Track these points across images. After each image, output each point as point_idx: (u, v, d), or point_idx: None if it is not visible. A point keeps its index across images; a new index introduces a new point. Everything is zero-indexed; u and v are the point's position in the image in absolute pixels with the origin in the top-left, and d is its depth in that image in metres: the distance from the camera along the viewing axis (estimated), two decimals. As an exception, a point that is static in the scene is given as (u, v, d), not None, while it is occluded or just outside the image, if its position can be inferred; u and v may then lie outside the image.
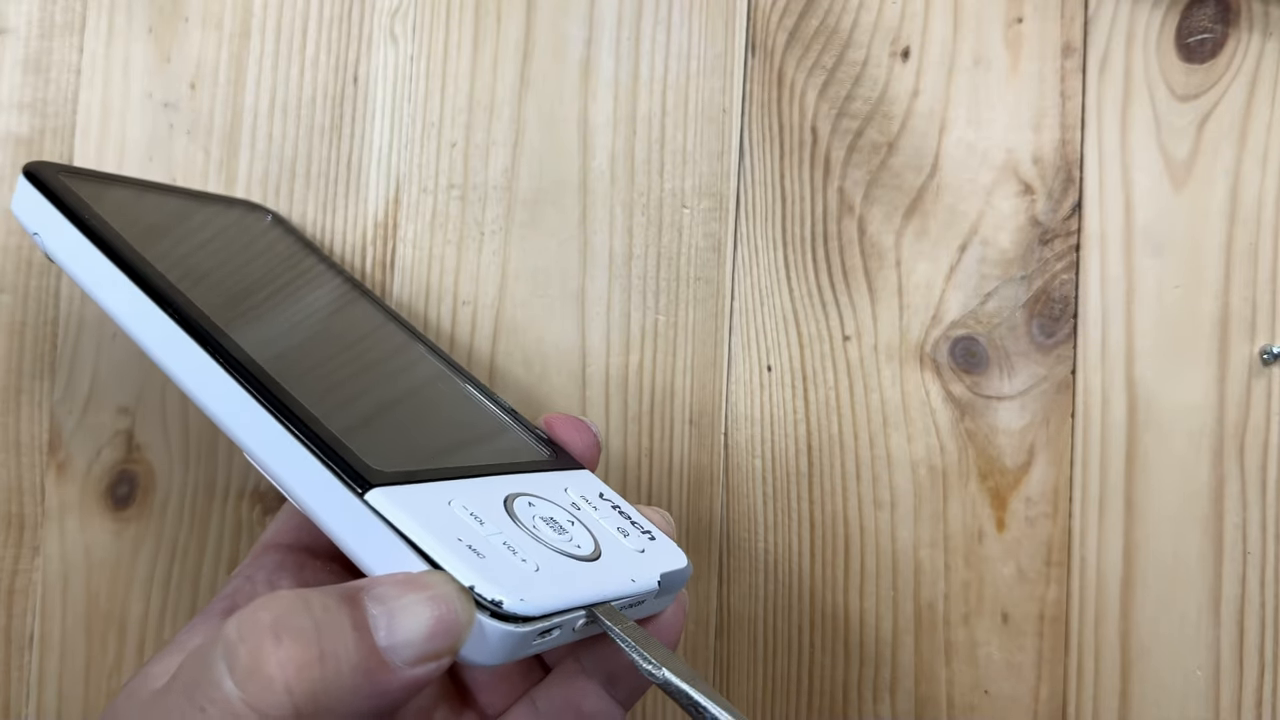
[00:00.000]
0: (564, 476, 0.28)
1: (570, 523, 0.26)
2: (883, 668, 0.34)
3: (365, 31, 0.38)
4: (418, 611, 0.21)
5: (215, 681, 0.20)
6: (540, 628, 0.22)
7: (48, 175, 0.29)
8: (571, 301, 0.36)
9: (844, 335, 0.35)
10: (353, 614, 0.21)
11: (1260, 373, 0.32)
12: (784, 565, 0.35)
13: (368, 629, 0.21)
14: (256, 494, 0.37)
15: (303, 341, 0.30)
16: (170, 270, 0.28)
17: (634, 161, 0.36)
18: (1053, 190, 0.34)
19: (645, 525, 0.27)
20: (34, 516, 0.38)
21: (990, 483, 0.34)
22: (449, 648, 0.21)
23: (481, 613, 0.21)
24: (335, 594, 0.21)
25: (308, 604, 0.21)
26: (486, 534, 0.23)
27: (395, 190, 0.37)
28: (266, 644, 0.20)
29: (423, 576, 0.22)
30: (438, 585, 0.21)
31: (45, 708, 0.38)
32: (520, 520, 0.25)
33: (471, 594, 0.21)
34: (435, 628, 0.21)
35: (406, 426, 0.28)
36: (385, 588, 0.21)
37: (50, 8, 0.39)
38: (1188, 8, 0.33)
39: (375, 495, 0.23)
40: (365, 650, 0.21)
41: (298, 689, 0.20)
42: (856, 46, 0.35)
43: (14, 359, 0.38)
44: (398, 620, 0.21)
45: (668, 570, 0.25)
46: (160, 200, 0.33)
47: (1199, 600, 0.32)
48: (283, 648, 0.20)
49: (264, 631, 0.20)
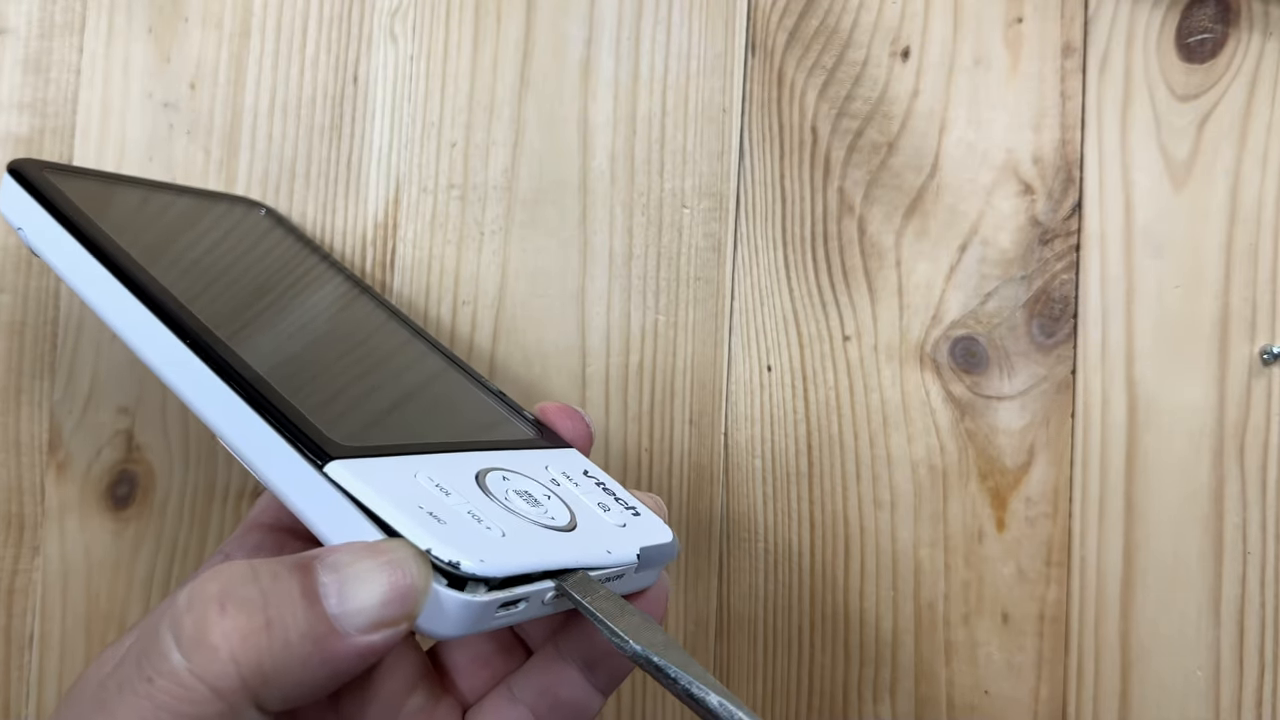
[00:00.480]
0: (546, 455, 0.28)
1: (546, 496, 0.25)
2: (883, 668, 0.34)
3: (365, 31, 0.38)
4: (371, 578, 0.21)
5: (163, 652, 0.20)
6: (502, 597, 0.21)
7: (31, 171, 0.30)
8: (571, 301, 0.36)
9: (844, 335, 0.35)
10: (303, 581, 0.21)
11: (1260, 373, 0.32)
12: (784, 565, 0.35)
13: (317, 596, 0.21)
14: (256, 494, 0.37)
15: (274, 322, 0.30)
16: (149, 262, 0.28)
17: (634, 161, 0.36)
18: (1053, 190, 0.34)
19: (630, 502, 0.26)
20: (34, 516, 0.38)
21: (990, 483, 0.34)
22: (404, 614, 0.21)
23: (439, 580, 0.21)
24: (287, 563, 0.21)
25: (255, 573, 0.21)
26: (451, 504, 0.23)
27: (395, 190, 0.37)
28: (212, 613, 0.20)
29: (379, 544, 0.21)
30: (393, 550, 0.21)
31: (45, 708, 0.38)
32: (491, 493, 0.24)
33: (429, 557, 0.21)
34: (390, 594, 0.21)
35: (380, 403, 0.28)
36: (339, 555, 0.21)
37: (50, 8, 0.39)
38: (1188, 8, 0.33)
39: (335, 467, 0.23)
40: (314, 618, 0.20)
41: (243, 658, 0.20)
42: (856, 46, 0.35)
43: (14, 359, 0.38)
44: (350, 587, 0.21)
45: (648, 544, 0.25)
46: (147, 195, 0.34)
47: (1199, 600, 0.32)
48: (228, 617, 0.20)
49: (210, 601, 0.20)
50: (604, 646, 0.25)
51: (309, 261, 0.35)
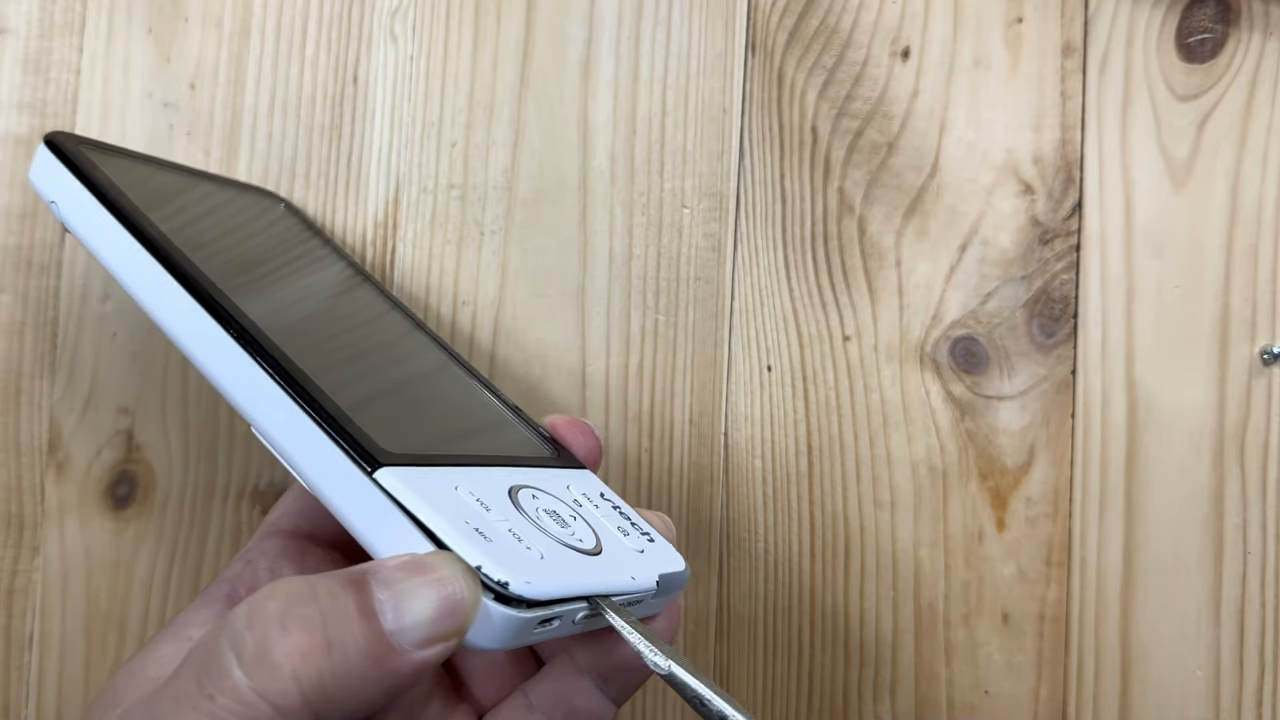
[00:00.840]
0: (566, 474, 0.28)
1: (572, 517, 0.26)
2: (883, 668, 0.34)
3: (365, 31, 0.38)
4: (424, 594, 0.21)
5: (224, 670, 0.20)
6: (542, 615, 0.22)
7: (68, 145, 0.29)
8: (571, 301, 0.36)
9: (844, 335, 0.35)
10: (359, 599, 0.21)
11: (1260, 373, 0.32)
12: (784, 565, 0.35)
13: (374, 614, 0.21)
14: (256, 494, 0.37)
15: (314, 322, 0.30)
16: (186, 245, 0.28)
17: (634, 161, 0.36)
18: (1053, 190, 0.34)
19: (645, 527, 0.27)
20: (34, 516, 0.38)
21: (990, 483, 0.34)
22: (456, 629, 0.21)
23: (486, 595, 0.21)
24: (340, 579, 0.21)
25: (314, 590, 0.21)
26: (493, 520, 0.23)
27: (395, 190, 0.37)
28: (273, 632, 0.20)
29: (428, 558, 0.22)
30: (443, 566, 0.21)
31: (45, 708, 0.38)
32: (525, 510, 0.25)
33: (479, 575, 0.21)
34: (442, 609, 0.21)
35: (414, 411, 0.28)
36: (390, 571, 0.21)
37: (50, 8, 0.39)
38: (1188, 8, 0.33)
39: (384, 474, 0.23)
40: (372, 635, 0.21)
41: (305, 677, 0.20)
42: (856, 46, 0.35)
43: (14, 359, 0.38)
44: (404, 604, 0.21)
45: (666, 572, 0.25)
46: (177, 178, 0.33)
47: (1199, 600, 0.32)
48: (289, 635, 0.20)
49: (271, 620, 0.20)
50: (619, 661, 0.25)
51: (335, 260, 0.35)
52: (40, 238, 0.38)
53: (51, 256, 0.38)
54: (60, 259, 0.38)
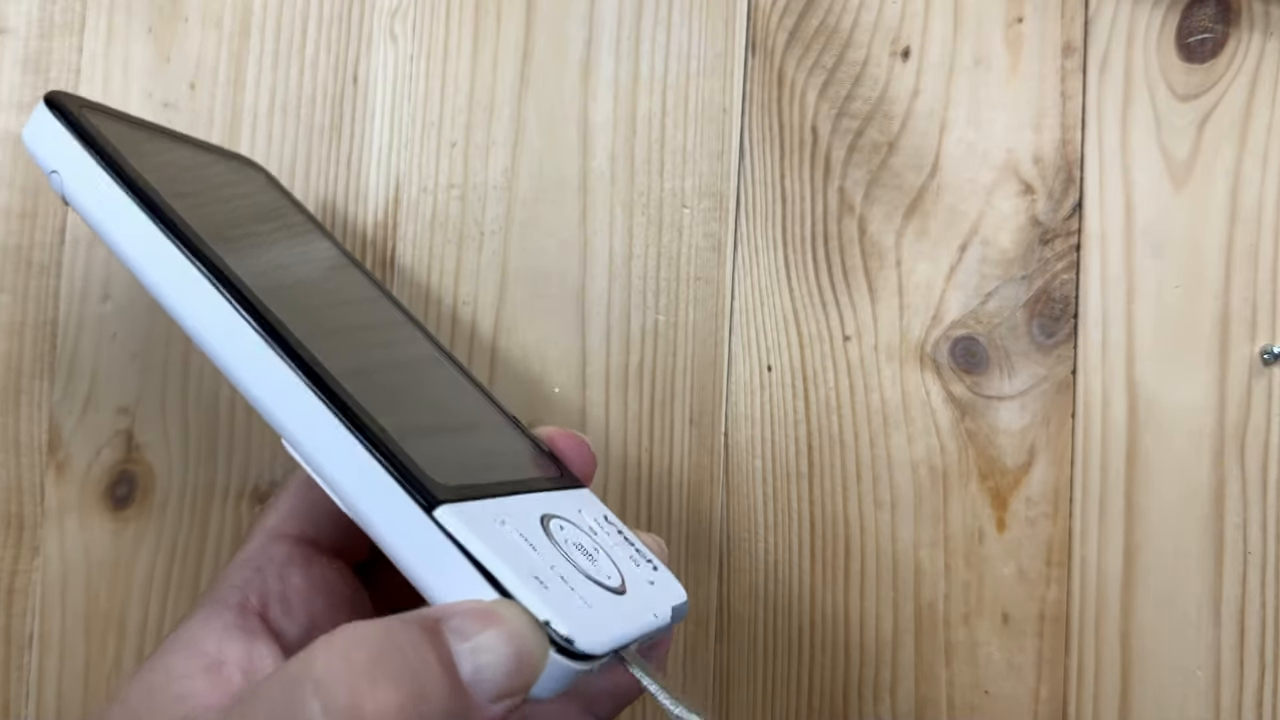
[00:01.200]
0: (575, 496, 0.27)
1: (595, 550, 0.25)
2: (883, 668, 0.34)
3: (365, 31, 0.38)
4: (499, 648, 0.21)
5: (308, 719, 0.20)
6: (594, 666, 0.22)
7: (71, 107, 0.25)
8: (571, 301, 0.36)
9: (844, 335, 0.35)
10: (438, 650, 0.20)
11: (1260, 373, 0.32)
12: (784, 565, 0.35)
13: (454, 667, 0.20)
14: (256, 494, 0.37)
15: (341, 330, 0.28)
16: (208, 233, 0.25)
17: (634, 161, 0.36)
18: (1053, 190, 0.34)
19: (647, 554, 0.27)
20: (33, 516, 0.38)
21: (990, 483, 0.34)
22: (525, 685, 0.21)
23: (550, 648, 0.21)
24: (415, 627, 0.21)
25: (395, 640, 0.20)
26: (545, 563, 0.23)
27: (395, 190, 0.37)
28: (363, 685, 0.20)
29: (498, 609, 0.21)
30: (512, 619, 0.21)
31: (45, 708, 0.38)
32: (560, 545, 0.24)
33: (546, 629, 0.21)
34: (514, 664, 0.21)
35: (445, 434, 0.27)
36: (463, 620, 0.21)
37: (50, 8, 0.39)
38: (1188, 8, 0.33)
39: (444, 512, 0.22)
40: (455, 690, 0.20)
41: None
42: (856, 46, 0.35)
43: (14, 359, 0.38)
44: (481, 657, 0.20)
45: (676, 604, 0.25)
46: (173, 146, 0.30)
47: (1199, 600, 0.32)
48: (379, 690, 0.20)
49: (359, 672, 0.20)
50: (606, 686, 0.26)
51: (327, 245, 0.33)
52: (40, 238, 0.38)
53: (51, 256, 0.38)
54: (60, 259, 0.38)
